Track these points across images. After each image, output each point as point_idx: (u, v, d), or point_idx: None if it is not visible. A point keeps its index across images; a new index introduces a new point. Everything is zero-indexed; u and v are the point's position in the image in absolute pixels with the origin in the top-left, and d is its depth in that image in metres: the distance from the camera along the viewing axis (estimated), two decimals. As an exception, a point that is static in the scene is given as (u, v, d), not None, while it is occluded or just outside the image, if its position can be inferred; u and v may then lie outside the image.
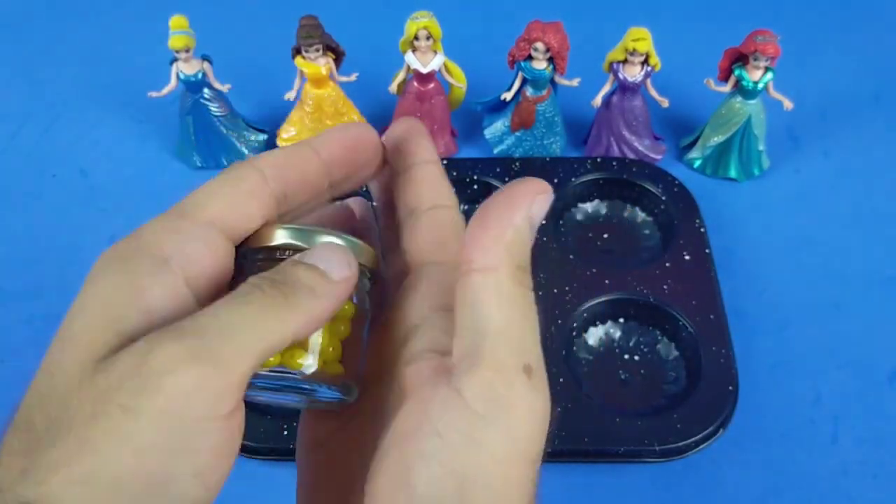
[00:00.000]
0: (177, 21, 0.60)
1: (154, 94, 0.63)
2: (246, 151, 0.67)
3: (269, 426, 0.48)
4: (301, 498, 0.25)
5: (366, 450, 0.21)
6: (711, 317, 0.53)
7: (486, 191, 0.63)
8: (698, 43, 0.75)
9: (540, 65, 0.61)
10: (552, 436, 0.49)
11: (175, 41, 0.60)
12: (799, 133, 0.69)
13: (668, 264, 0.56)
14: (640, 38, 0.59)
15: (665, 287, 0.55)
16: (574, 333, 0.54)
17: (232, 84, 0.64)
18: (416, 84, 0.64)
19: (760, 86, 0.60)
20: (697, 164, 0.66)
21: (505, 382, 0.19)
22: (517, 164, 0.64)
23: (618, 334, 0.55)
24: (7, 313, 0.58)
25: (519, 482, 0.19)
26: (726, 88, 0.62)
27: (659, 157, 0.66)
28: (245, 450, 0.47)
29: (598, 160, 0.64)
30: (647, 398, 0.52)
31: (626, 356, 0.54)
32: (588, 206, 0.63)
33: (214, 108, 0.64)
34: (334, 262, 0.21)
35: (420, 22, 0.59)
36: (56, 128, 0.72)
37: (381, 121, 0.68)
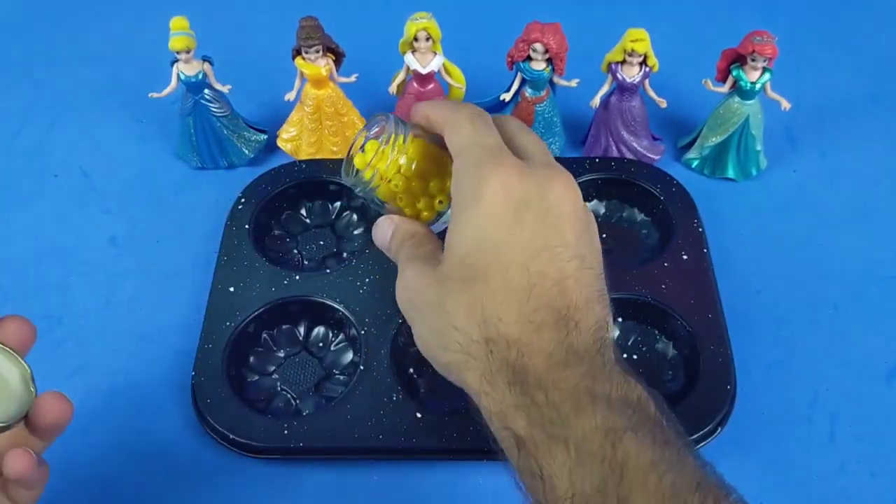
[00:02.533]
0: (177, 22, 0.60)
1: (155, 94, 0.64)
2: (246, 152, 0.67)
3: (269, 426, 0.47)
4: None
5: None
6: (709, 316, 0.53)
7: (486, 191, 0.63)
8: (696, 44, 0.75)
9: (539, 66, 0.61)
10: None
11: (175, 42, 0.60)
12: (796, 133, 0.70)
13: (666, 264, 0.56)
14: (639, 39, 0.59)
15: (663, 286, 0.55)
16: (573, 333, 0.54)
17: (232, 85, 0.64)
18: (415, 85, 0.64)
19: (758, 86, 0.60)
20: (695, 164, 0.66)
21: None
22: (516, 164, 0.64)
23: (616, 333, 0.55)
24: (7, 313, 0.58)
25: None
26: (724, 89, 0.62)
27: (657, 157, 0.66)
28: (245, 449, 0.47)
29: (597, 160, 0.64)
30: (645, 397, 0.52)
31: (625, 355, 0.54)
32: (587, 206, 0.64)
33: (215, 108, 0.64)
34: None
35: (420, 23, 0.59)
36: (57, 128, 0.72)
37: (380, 121, 0.68)
